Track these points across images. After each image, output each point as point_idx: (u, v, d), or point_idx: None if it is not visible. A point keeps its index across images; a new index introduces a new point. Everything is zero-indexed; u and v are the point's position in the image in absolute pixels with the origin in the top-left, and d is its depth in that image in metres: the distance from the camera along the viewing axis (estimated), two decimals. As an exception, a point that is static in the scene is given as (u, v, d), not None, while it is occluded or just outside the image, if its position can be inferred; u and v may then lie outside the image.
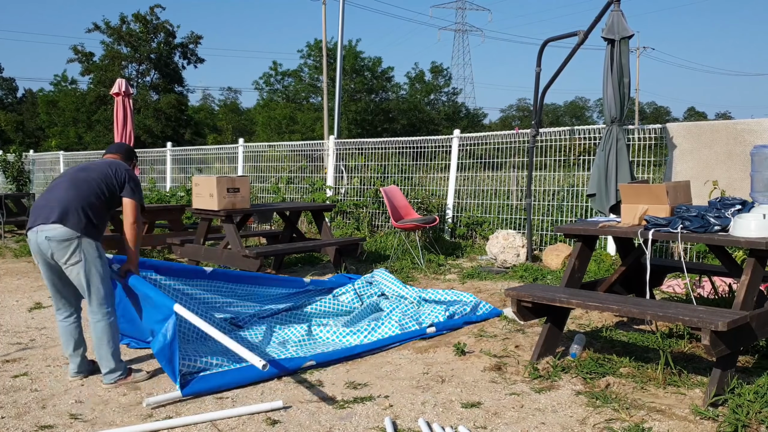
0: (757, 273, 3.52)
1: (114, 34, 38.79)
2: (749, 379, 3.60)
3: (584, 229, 4.15)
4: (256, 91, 46.19)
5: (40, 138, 44.00)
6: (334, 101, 13.50)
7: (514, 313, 4.06)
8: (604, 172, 6.53)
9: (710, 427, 3.09)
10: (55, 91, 42.88)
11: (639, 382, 3.66)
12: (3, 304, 6.09)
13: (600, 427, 3.13)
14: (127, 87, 9.73)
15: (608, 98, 6.44)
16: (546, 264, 7.41)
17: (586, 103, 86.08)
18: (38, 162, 18.60)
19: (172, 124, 39.29)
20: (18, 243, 10.61)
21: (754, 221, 3.46)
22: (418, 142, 10.18)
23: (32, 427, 3.24)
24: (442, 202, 9.57)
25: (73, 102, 39.73)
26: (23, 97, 54.61)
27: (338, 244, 7.15)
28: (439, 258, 8.05)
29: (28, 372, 4.10)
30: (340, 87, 13.12)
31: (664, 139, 7.36)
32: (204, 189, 6.82)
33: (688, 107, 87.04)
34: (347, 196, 10.89)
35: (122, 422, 3.29)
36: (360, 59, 39.91)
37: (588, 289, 4.30)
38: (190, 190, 11.92)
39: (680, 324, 3.73)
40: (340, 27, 13.05)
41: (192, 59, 42.24)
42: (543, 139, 8.53)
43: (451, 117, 44.93)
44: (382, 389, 3.70)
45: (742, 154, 6.67)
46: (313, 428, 3.18)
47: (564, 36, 7.36)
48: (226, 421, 3.28)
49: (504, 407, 3.40)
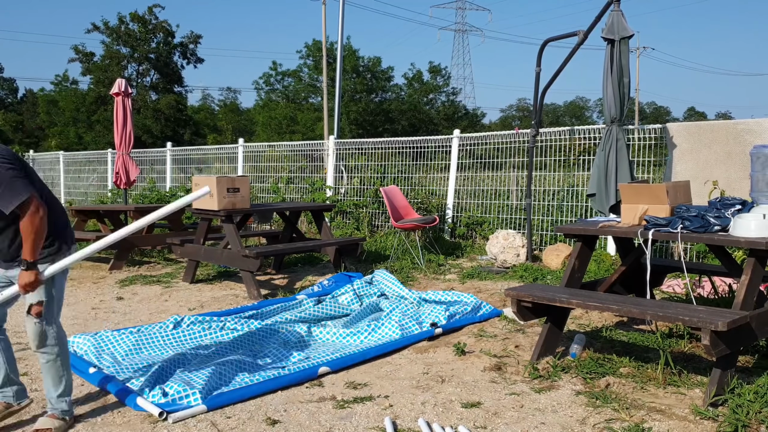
0: (757, 273, 3.52)
1: (113, 35, 38.79)
2: (749, 379, 3.60)
3: (584, 229, 4.15)
4: (256, 91, 46.20)
5: (39, 138, 44.00)
6: (334, 101, 13.50)
7: (514, 313, 4.06)
8: (604, 172, 6.53)
9: (710, 427, 3.10)
10: (56, 91, 42.90)
11: (639, 382, 3.66)
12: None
13: (600, 427, 3.13)
14: (126, 87, 9.73)
15: (608, 98, 6.44)
16: (546, 264, 7.41)
17: (586, 103, 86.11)
18: (38, 162, 18.59)
19: (171, 124, 39.29)
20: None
21: (754, 221, 3.46)
22: (418, 142, 10.18)
23: (32, 427, 3.23)
24: (442, 202, 9.58)
25: (73, 102, 39.73)
26: (24, 97, 54.59)
27: (338, 244, 7.15)
28: (439, 258, 8.05)
29: (28, 372, 4.10)
30: (339, 87, 13.12)
31: (664, 139, 7.36)
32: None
33: (688, 107, 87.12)
34: (347, 196, 10.89)
35: (122, 422, 3.29)
36: (360, 59, 39.93)
37: (588, 289, 4.30)
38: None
39: (680, 324, 3.73)
40: (340, 27, 13.05)
41: (191, 59, 42.24)
42: (543, 139, 8.54)
43: (451, 117, 44.93)
44: (382, 389, 3.70)
45: (741, 154, 6.67)
46: (313, 428, 3.18)
47: (564, 36, 7.36)
48: (226, 421, 3.28)
49: (504, 407, 3.40)
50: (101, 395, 3.67)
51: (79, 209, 9.31)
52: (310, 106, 41.72)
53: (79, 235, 8.49)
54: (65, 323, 5.34)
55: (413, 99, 43.92)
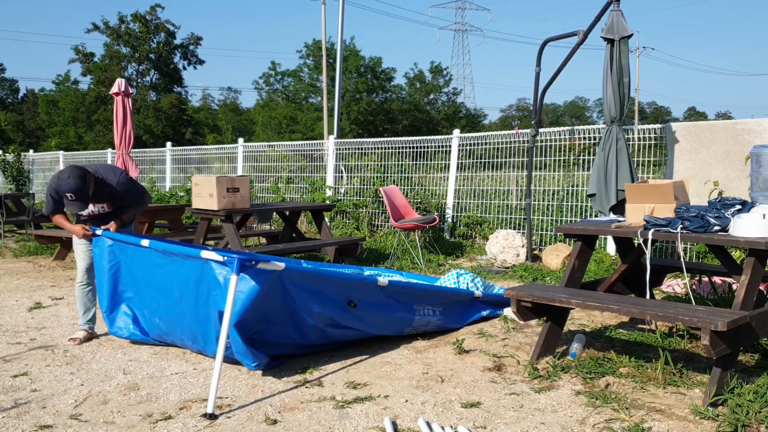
0: (756, 273, 3.52)
1: (113, 34, 38.80)
2: (749, 378, 3.60)
3: (584, 229, 4.15)
4: (256, 91, 46.25)
5: (39, 138, 44.02)
6: (334, 101, 13.50)
7: (514, 313, 4.06)
8: (604, 172, 6.53)
9: (710, 427, 3.09)
10: (57, 91, 42.91)
11: (639, 382, 3.66)
12: (3, 304, 6.09)
13: (600, 427, 3.13)
14: (126, 87, 9.73)
15: (608, 98, 6.44)
16: (546, 264, 7.41)
17: (586, 103, 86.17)
18: (38, 162, 18.59)
19: (172, 124, 39.31)
20: (18, 243, 10.61)
21: (753, 221, 3.46)
22: (418, 142, 10.18)
23: (32, 427, 3.24)
24: (442, 202, 9.57)
25: (73, 102, 39.74)
26: (24, 97, 54.63)
27: (338, 244, 7.15)
28: (439, 258, 8.05)
29: (28, 372, 4.10)
30: (339, 87, 13.12)
31: (664, 139, 7.37)
32: (204, 189, 6.82)
33: (688, 107, 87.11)
34: (347, 196, 10.89)
35: (122, 422, 3.29)
36: (360, 58, 39.93)
37: (588, 289, 4.30)
38: (189, 190, 11.92)
39: (680, 324, 3.73)
40: (340, 27, 13.05)
41: (192, 60, 42.26)
42: (543, 139, 8.53)
43: (451, 117, 44.95)
44: (382, 389, 3.70)
45: (740, 154, 6.67)
46: (313, 428, 3.18)
47: (564, 36, 7.36)
48: (226, 421, 3.28)
49: (504, 407, 3.40)
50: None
51: (79, 209, 9.29)
52: (310, 106, 41.75)
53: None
54: (65, 322, 5.34)
55: (414, 99, 43.94)
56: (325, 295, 4.09)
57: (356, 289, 4.24)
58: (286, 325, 4.04)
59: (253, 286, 3.71)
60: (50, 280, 7.34)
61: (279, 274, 3.82)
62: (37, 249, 9.49)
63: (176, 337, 4.39)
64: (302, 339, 4.17)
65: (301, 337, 4.15)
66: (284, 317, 4.01)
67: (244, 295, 3.70)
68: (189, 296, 4.05)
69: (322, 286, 4.08)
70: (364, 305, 4.29)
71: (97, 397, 3.64)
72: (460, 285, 5.33)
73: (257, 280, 3.71)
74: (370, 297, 4.32)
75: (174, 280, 4.15)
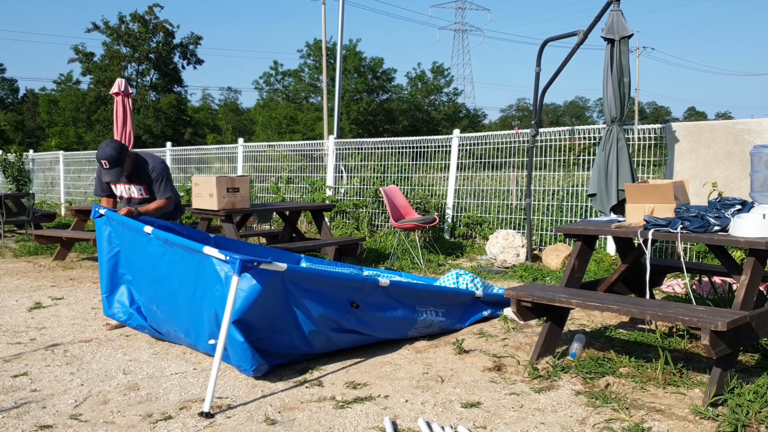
0: (756, 273, 3.52)
1: (113, 34, 38.81)
2: (749, 378, 3.60)
3: (584, 229, 4.15)
4: (256, 91, 46.26)
5: (40, 137, 44.03)
6: (334, 101, 13.50)
7: (514, 313, 4.06)
8: (604, 172, 6.53)
9: (710, 427, 3.09)
10: (57, 91, 42.93)
11: (639, 382, 3.66)
12: (3, 304, 6.09)
13: (600, 427, 3.13)
14: (126, 87, 9.71)
15: (608, 98, 6.44)
16: (546, 264, 7.41)
17: (586, 103, 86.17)
18: (38, 162, 18.59)
19: (172, 124, 39.32)
20: (18, 243, 10.61)
21: (753, 221, 3.46)
22: (418, 142, 10.18)
23: (32, 427, 3.24)
24: (442, 202, 9.57)
25: (73, 101, 39.75)
26: (24, 97, 54.63)
27: (338, 244, 7.15)
28: (439, 258, 8.05)
29: (28, 372, 4.10)
30: (339, 87, 13.12)
31: (664, 139, 7.36)
32: (204, 189, 6.82)
33: (688, 107, 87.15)
34: (347, 196, 10.89)
35: (122, 422, 3.29)
36: (361, 59, 39.93)
37: (588, 289, 4.30)
38: (189, 190, 11.92)
39: (680, 324, 3.73)
40: (340, 27, 13.05)
41: (192, 60, 42.26)
42: (543, 139, 8.53)
43: (452, 117, 44.96)
44: (382, 389, 3.70)
45: (740, 154, 6.67)
46: (313, 428, 3.18)
47: (564, 36, 7.36)
48: (226, 421, 3.28)
49: (504, 407, 3.40)
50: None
51: (78, 209, 9.31)
52: (311, 106, 41.75)
53: (78, 234, 8.50)
54: (65, 323, 5.34)
55: (415, 98, 43.94)
56: (327, 295, 4.08)
57: (358, 290, 4.23)
58: (290, 332, 4.01)
59: (254, 285, 3.71)
60: (50, 280, 7.34)
61: (281, 275, 3.81)
62: (37, 249, 9.49)
63: (170, 327, 4.40)
64: (307, 348, 4.11)
65: (306, 346, 4.10)
66: (288, 322, 3.98)
67: (244, 293, 3.70)
68: (187, 289, 4.06)
69: (324, 287, 4.08)
70: (367, 306, 4.28)
71: (97, 397, 3.64)
72: (460, 285, 5.33)
73: (258, 280, 3.71)
74: (372, 298, 4.32)
75: (173, 271, 4.16)
